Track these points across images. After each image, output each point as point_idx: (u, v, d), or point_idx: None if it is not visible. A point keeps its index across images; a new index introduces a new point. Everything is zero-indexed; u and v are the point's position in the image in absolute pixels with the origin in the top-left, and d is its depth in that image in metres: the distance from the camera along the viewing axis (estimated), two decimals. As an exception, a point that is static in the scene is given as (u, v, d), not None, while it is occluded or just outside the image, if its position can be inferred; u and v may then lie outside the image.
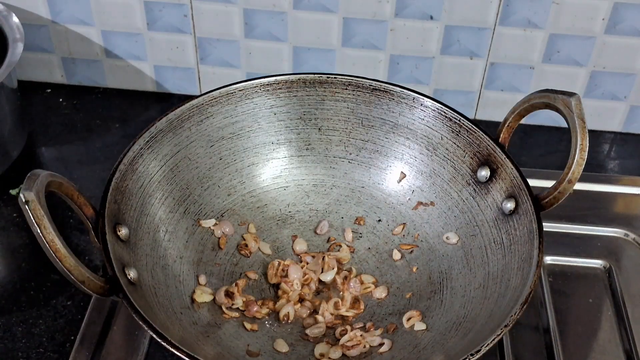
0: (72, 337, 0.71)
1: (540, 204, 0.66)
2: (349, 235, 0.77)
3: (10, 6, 0.91)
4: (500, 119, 0.73)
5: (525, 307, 0.59)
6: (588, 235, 0.82)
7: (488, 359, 0.66)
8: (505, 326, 0.58)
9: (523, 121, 0.71)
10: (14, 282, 0.77)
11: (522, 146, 0.94)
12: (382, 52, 0.92)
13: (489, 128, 0.74)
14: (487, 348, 0.57)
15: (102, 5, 0.92)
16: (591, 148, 0.94)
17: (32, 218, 0.54)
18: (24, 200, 0.54)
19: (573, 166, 0.65)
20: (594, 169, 0.92)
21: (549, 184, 0.68)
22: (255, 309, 0.70)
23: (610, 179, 0.89)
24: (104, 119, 0.96)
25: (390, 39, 0.90)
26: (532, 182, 0.68)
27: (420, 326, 0.68)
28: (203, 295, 0.70)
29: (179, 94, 1.00)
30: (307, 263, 0.74)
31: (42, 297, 0.75)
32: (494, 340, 0.57)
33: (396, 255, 0.75)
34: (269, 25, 0.91)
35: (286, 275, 0.72)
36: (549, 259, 0.79)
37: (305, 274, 0.72)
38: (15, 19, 0.86)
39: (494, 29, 0.89)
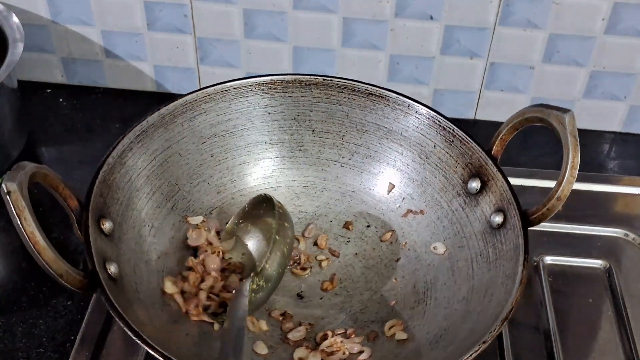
0: (72, 337, 0.71)
1: (529, 219, 0.66)
2: (334, 242, 0.76)
3: (10, 6, 0.91)
4: (501, 119, 0.73)
5: (505, 323, 0.58)
6: (588, 235, 0.82)
7: (488, 359, 0.66)
8: (484, 342, 0.57)
9: (523, 121, 0.71)
10: (14, 282, 0.77)
11: (522, 146, 0.94)
12: (382, 52, 0.92)
13: (489, 128, 0.74)
14: None
15: (102, 5, 0.92)
16: (591, 148, 0.95)
17: (12, 209, 0.53)
18: (5, 191, 0.53)
19: (563, 183, 0.64)
20: (594, 169, 0.91)
21: (548, 184, 0.68)
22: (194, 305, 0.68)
23: (610, 179, 0.89)
24: (104, 119, 0.96)
25: (390, 39, 0.90)
26: (532, 182, 0.68)
27: (401, 336, 0.67)
28: (172, 287, 0.69)
29: (179, 94, 0.99)
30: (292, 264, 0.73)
31: (42, 297, 0.75)
32: (471, 355, 0.56)
33: (382, 262, 0.74)
34: (269, 25, 0.91)
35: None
36: (549, 259, 0.79)
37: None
38: (15, 19, 0.86)
39: (494, 29, 0.88)
